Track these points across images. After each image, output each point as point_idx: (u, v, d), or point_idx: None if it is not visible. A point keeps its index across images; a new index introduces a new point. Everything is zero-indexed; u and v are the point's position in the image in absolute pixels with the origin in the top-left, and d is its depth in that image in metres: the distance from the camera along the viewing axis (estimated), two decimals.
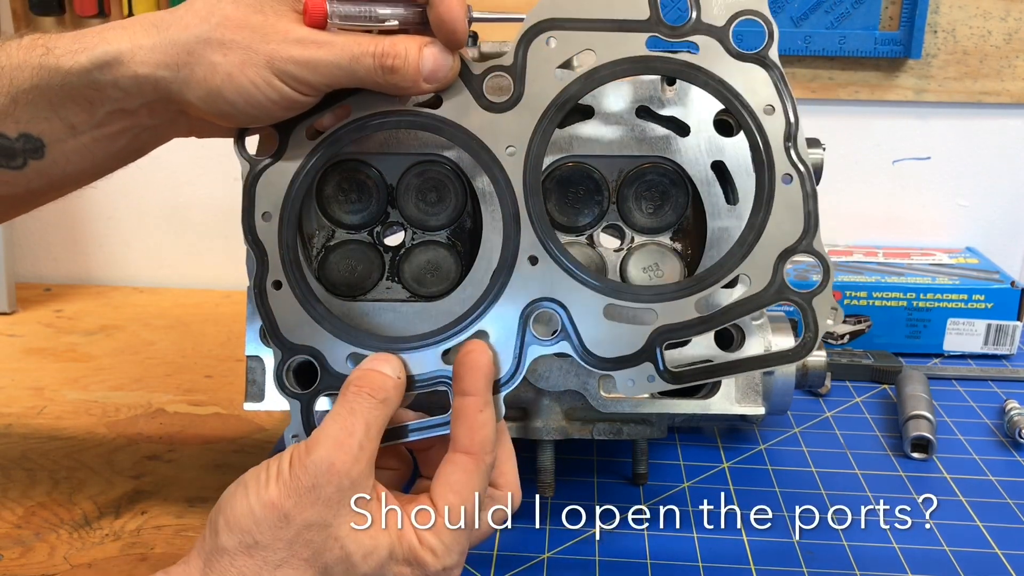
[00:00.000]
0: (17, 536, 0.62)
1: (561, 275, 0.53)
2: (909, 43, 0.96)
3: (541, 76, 0.53)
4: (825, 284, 0.53)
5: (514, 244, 0.53)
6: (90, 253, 1.15)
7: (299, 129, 0.53)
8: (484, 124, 0.53)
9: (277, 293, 0.54)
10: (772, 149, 0.53)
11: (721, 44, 0.53)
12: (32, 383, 0.86)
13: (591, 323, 0.53)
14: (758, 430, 0.76)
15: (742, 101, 0.53)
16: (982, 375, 0.88)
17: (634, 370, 0.53)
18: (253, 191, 0.54)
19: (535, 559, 0.60)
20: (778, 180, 0.53)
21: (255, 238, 0.54)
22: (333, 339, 0.54)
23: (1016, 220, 1.06)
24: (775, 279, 0.53)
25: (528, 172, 0.53)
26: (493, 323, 0.53)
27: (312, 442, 0.47)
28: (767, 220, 0.53)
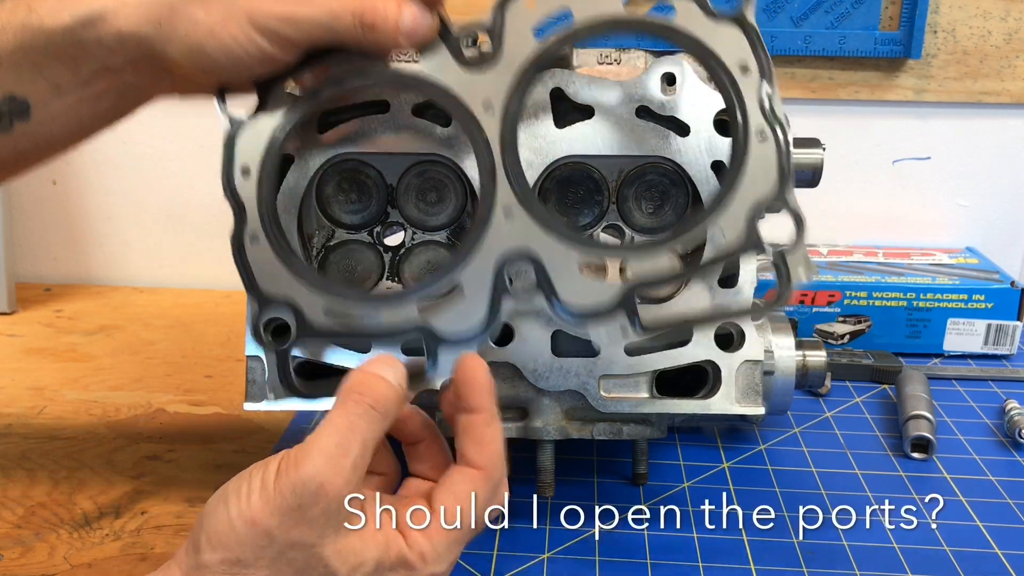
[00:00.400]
0: (17, 536, 0.62)
1: (536, 229, 0.54)
2: (909, 43, 0.96)
3: (519, 35, 0.54)
4: (799, 239, 0.54)
5: (489, 198, 0.54)
6: (90, 253, 1.15)
7: (278, 87, 0.54)
8: (462, 82, 0.54)
9: (254, 247, 0.55)
10: (747, 107, 0.54)
11: (698, 5, 0.54)
12: (32, 383, 0.86)
13: (566, 277, 0.54)
14: (758, 430, 0.76)
15: (718, 60, 0.54)
16: (982, 375, 0.88)
17: (608, 321, 0.54)
18: (233, 147, 0.55)
19: (535, 559, 0.60)
20: (752, 137, 0.54)
21: (234, 193, 0.55)
22: (310, 291, 0.55)
23: (1016, 220, 1.06)
24: (749, 233, 0.54)
25: (505, 128, 0.54)
26: (468, 276, 0.54)
27: (303, 455, 0.45)
28: (742, 176, 0.54)
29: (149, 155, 1.09)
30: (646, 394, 0.61)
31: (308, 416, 0.77)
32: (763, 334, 0.63)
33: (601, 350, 0.55)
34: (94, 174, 1.11)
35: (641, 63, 0.63)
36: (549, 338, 0.60)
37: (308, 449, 0.45)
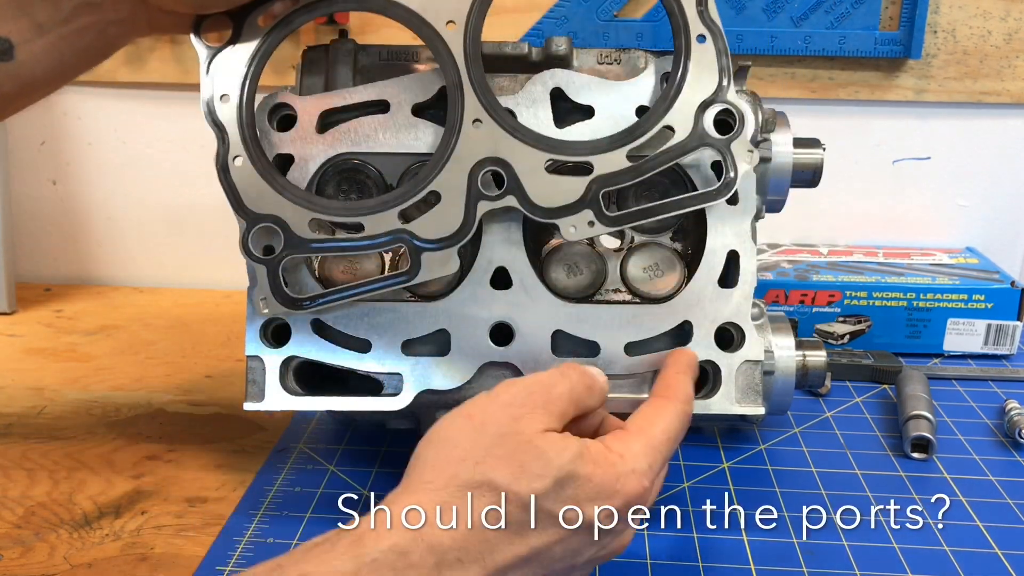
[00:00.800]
0: (17, 536, 0.62)
1: (504, 135, 0.58)
2: (909, 43, 0.96)
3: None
4: (741, 129, 0.58)
5: (459, 109, 0.58)
6: (90, 253, 1.15)
7: (252, 16, 0.58)
8: (425, 1, 0.58)
9: (238, 167, 0.58)
10: (686, 12, 0.58)
11: None
12: (32, 383, 0.86)
13: (534, 177, 0.58)
14: (758, 430, 0.76)
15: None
16: (982, 375, 0.88)
17: (575, 217, 0.58)
18: (211, 74, 0.59)
19: None
20: (693, 40, 0.58)
21: (215, 119, 0.58)
22: (294, 206, 0.58)
23: (1016, 220, 1.06)
24: (696, 127, 0.58)
25: (468, 43, 0.57)
26: (444, 183, 0.58)
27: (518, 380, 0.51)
28: (685, 76, 0.58)
29: (149, 155, 1.09)
30: (646, 394, 0.61)
31: (308, 416, 0.77)
32: (763, 334, 0.63)
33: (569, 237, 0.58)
34: (94, 174, 1.11)
35: (641, 63, 0.63)
36: (549, 338, 0.60)
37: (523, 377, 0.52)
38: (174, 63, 1.02)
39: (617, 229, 0.60)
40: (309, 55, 0.65)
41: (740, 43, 0.96)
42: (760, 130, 0.62)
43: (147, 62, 1.02)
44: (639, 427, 0.52)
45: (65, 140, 1.10)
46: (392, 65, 0.64)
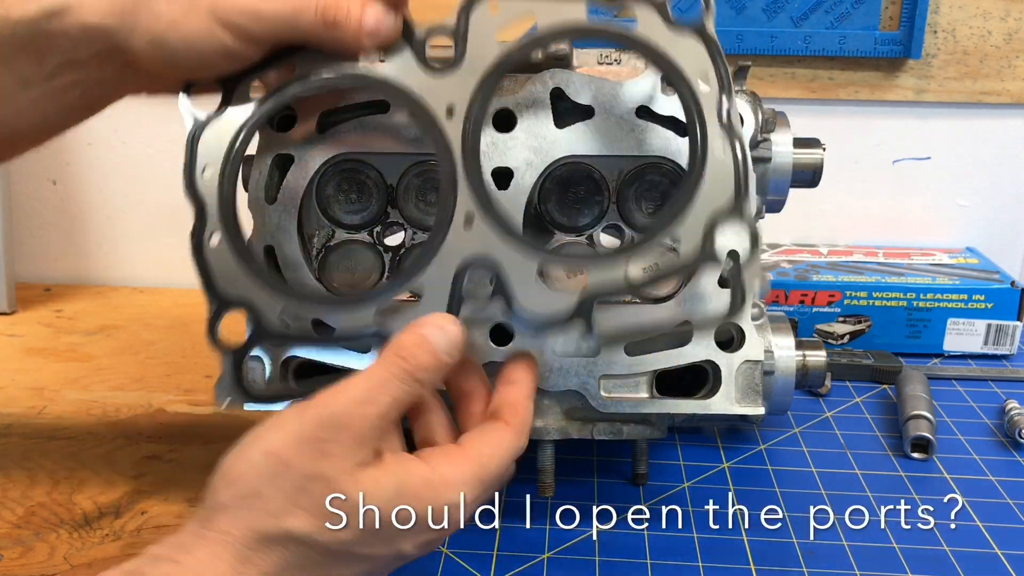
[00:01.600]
0: (17, 536, 0.62)
1: (495, 237, 0.54)
2: (909, 43, 0.96)
3: (483, 40, 0.54)
4: (753, 251, 0.54)
5: (450, 205, 0.54)
6: (90, 253, 1.15)
7: (243, 85, 0.54)
8: (425, 85, 0.54)
9: (213, 247, 0.55)
10: (705, 117, 0.54)
11: (659, 14, 0.53)
12: (32, 383, 0.86)
13: (524, 283, 0.54)
14: (758, 430, 0.76)
15: (677, 71, 0.54)
16: (982, 375, 0.88)
17: (565, 330, 0.55)
18: (195, 145, 0.55)
19: (535, 559, 0.60)
20: (710, 147, 0.54)
21: (195, 192, 0.55)
22: (267, 293, 0.55)
23: (1016, 220, 1.06)
24: (706, 243, 0.54)
25: (466, 133, 0.54)
26: (427, 282, 0.54)
27: (331, 395, 0.46)
28: (698, 186, 0.54)
29: (149, 155, 1.09)
30: (646, 394, 0.61)
31: None
32: (763, 334, 0.63)
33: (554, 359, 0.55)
34: (94, 174, 1.11)
35: (641, 63, 0.63)
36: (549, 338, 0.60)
37: (336, 391, 0.46)
38: None
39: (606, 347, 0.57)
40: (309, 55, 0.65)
41: (740, 43, 0.96)
42: (760, 130, 0.62)
43: None
44: (477, 453, 0.48)
45: (65, 140, 1.09)
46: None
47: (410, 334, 0.49)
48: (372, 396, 0.46)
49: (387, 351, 0.48)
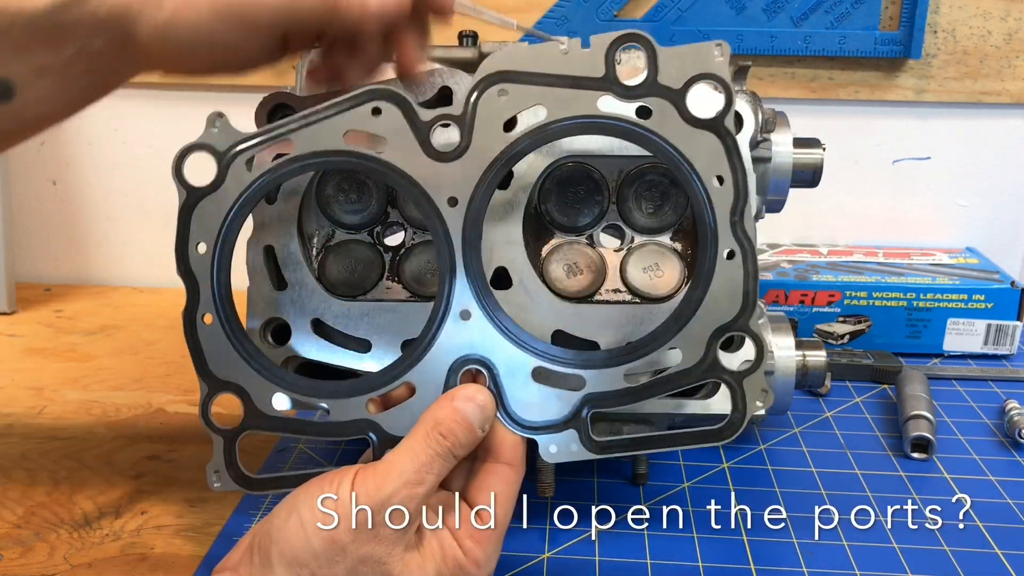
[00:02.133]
0: (17, 536, 0.62)
1: (493, 333, 0.53)
2: (909, 43, 0.96)
3: (489, 129, 0.52)
4: (757, 366, 0.52)
5: (447, 297, 0.53)
6: (90, 253, 1.15)
7: (239, 159, 0.53)
8: (428, 172, 0.52)
9: (207, 327, 0.54)
10: (718, 222, 0.51)
11: (675, 108, 0.51)
12: (32, 383, 0.86)
13: (518, 384, 0.53)
14: (758, 430, 0.76)
15: (692, 169, 0.51)
16: (982, 375, 0.88)
17: (558, 436, 0.53)
18: (188, 220, 0.54)
19: (535, 559, 0.60)
20: (720, 255, 0.51)
21: (187, 268, 0.54)
22: (259, 379, 0.54)
23: (1016, 220, 1.06)
24: (708, 355, 0.52)
25: (467, 225, 0.52)
26: (420, 376, 0.53)
27: (382, 476, 0.47)
28: (705, 295, 0.52)
29: (149, 155, 1.09)
30: None
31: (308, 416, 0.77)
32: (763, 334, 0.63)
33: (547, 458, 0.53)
34: (94, 174, 1.11)
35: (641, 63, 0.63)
36: (549, 338, 0.60)
37: (388, 471, 0.48)
38: None
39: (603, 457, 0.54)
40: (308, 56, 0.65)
41: (740, 43, 0.96)
42: (760, 130, 0.62)
43: None
44: (494, 519, 0.50)
45: (65, 140, 1.10)
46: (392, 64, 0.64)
47: (448, 409, 0.50)
48: (420, 477, 0.48)
49: (428, 427, 0.49)
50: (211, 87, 0.99)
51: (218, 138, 0.53)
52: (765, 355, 0.52)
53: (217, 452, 0.54)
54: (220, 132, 0.53)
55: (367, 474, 0.48)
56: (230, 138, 0.53)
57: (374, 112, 0.52)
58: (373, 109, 0.52)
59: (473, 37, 0.65)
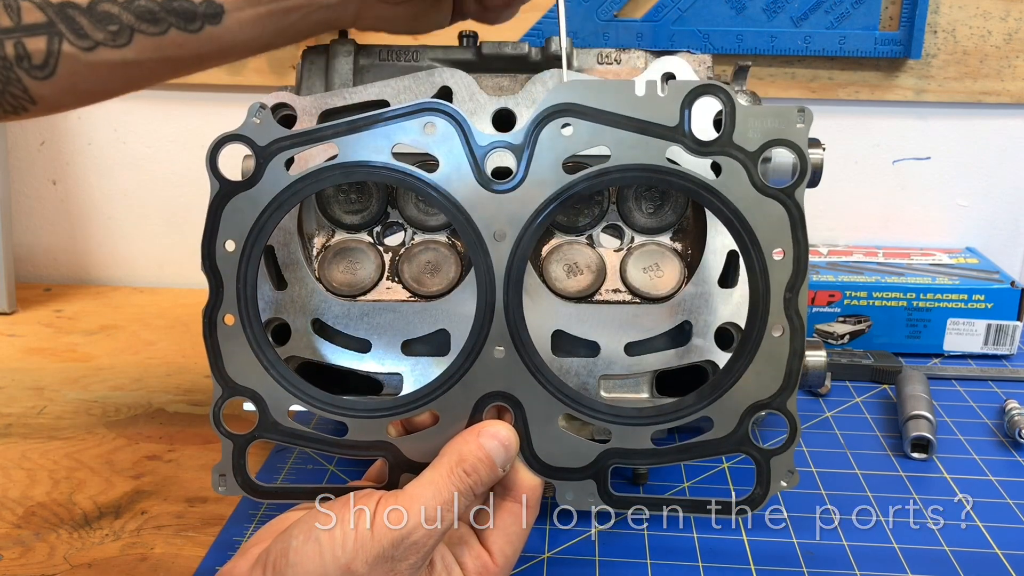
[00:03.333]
0: (17, 536, 0.62)
1: (525, 373, 0.51)
2: (909, 43, 0.96)
3: (547, 164, 0.50)
4: (790, 444, 0.51)
5: (484, 332, 0.51)
6: (90, 253, 1.15)
7: (279, 157, 0.51)
8: (477, 202, 0.50)
9: (228, 329, 0.52)
10: (771, 296, 0.50)
11: (746, 171, 0.49)
12: (32, 383, 0.86)
13: (544, 427, 0.52)
14: (758, 430, 0.76)
15: (753, 239, 0.49)
16: (982, 375, 0.88)
17: (576, 484, 0.52)
18: (219, 214, 0.51)
19: (535, 559, 0.60)
20: (769, 330, 0.50)
21: (213, 265, 0.51)
22: (278, 388, 0.52)
23: (1016, 220, 1.06)
24: (739, 429, 0.51)
25: (512, 261, 0.50)
26: (446, 406, 0.52)
27: (404, 507, 0.47)
28: (746, 368, 0.50)
29: (149, 155, 1.09)
30: (646, 394, 0.61)
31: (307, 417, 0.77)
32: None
33: (563, 503, 0.53)
34: (94, 174, 1.11)
35: (641, 63, 0.63)
36: (549, 338, 0.60)
37: (410, 504, 0.47)
38: None
39: (617, 512, 0.53)
40: (309, 55, 0.65)
41: (740, 43, 0.96)
42: None
43: None
44: (504, 557, 0.50)
45: (65, 140, 1.10)
46: (392, 65, 0.64)
47: (473, 445, 0.50)
48: (442, 511, 0.47)
49: (453, 462, 0.49)
50: (210, 87, 0.99)
51: (258, 131, 0.51)
52: (798, 437, 0.51)
53: (225, 456, 0.53)
54: (262, 125, 0.51)
55: (389, 504, 0.47)
56: (272, 133, 0.51)
57: (427, 128, 0.50)
58: (426, 125, 0.50)
59: (473, 37, 0.65)
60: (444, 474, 0.48)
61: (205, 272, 0.51)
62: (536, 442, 0.52)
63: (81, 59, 0.56)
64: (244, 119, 0.51)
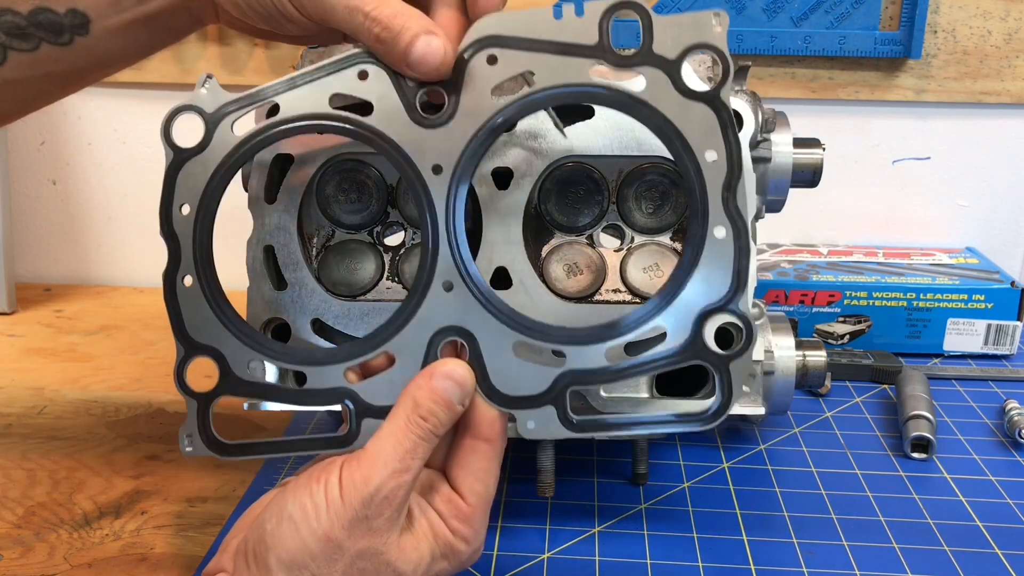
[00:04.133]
0: (17, 536, 0.62)
1: (475, 305, 0.51)
2: (909, 43, 0.96)
3: (477, 94, 0.51)
4: (746, 347, 0.50)
5: (430, 268, 0.51)
6: (90, 253, 1.15)
7: (225, 121, 0.52)
8: (413, 139, 0.51)
9: (186, 289, 0.53)
10: (708, 197, 0.49)
11: (670, 78, 0.49)
12: (32, 383, 0.86)
13: (499, 357, 0.51)
14: (758, 430, 0.76)
15: (684, 143, 0.49)
16: (982, 375, 0.88)
17: (536, 412, 0.52)
18: (173, 181, 0.52)
19: (535, 559, 0.60)
20: (710, 231, 0.50)
21: (170, 230, 0.52)
22: (238, 343, 0.53)
23: (1016, 220, 1.06)
24: (695, 337, 0.50)
25: (451, 193, 0.51)
26: (400, 347, 0.52)
27: (368, 467, 0.47)
28: (692, 273, 0.50)
29: (149, 155, 1.09)
30: (646, 394, 0.61)
31: (308, 416, 0.77)
32: (763, 334, 0.63)
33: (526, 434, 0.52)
34: (94, 174, 1.11)
35: None
36: None
37: (373, 461, 0.47)
38: (174, 63, 1.02)
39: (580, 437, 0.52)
40: (308, 55, 0.65)
41: (740, 43, 0.96)
42: (760, 130, 0.62)
43: (147, 62, 1.02)
44: (476, 496, 0.50)
45: (65, 140, 1.10)
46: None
47: (426, 390, 0.49)
48: (406, 464, 0.47)
49: (408, 410, 0.49)
50: None
51: (206, 100, 0.52)
52: (754, 338, 0.50)
53: (191, 416, 0.54)
54: (208, 94, 0.52)
55: (352, 467, 0.47)
56: (218, 100, 0.52)
57: (360, 76, 0.51)
58: (360, 72, 0.51)
59: None
60: (402, 424, 0.48)
61: (163, 236, 0.53)
62: (492, 374, 0.51)
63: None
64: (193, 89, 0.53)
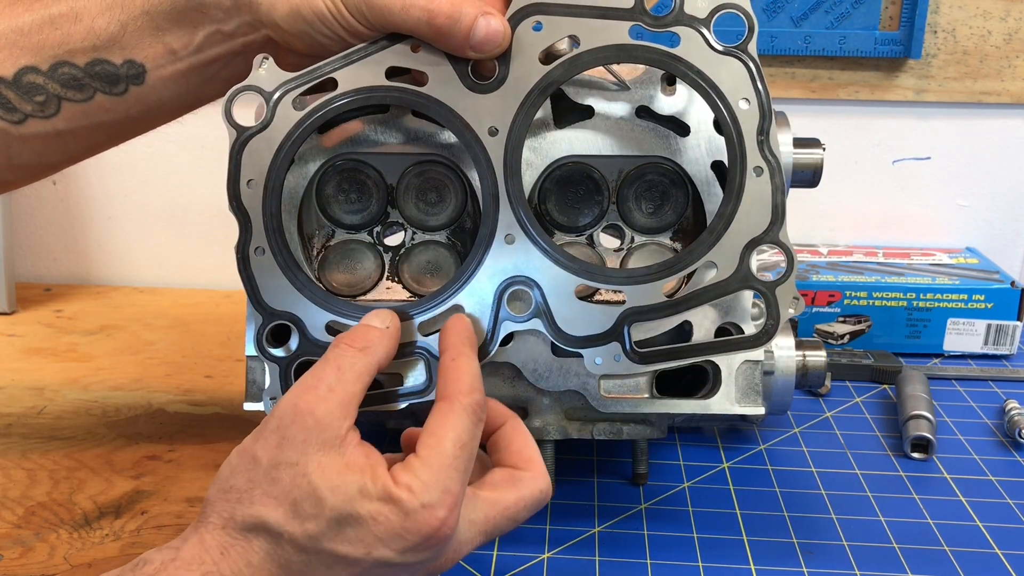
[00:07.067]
0: (17, 536, 0.62)
1: (536, 254, 0.55)
2: (909, 43, 0.96)
3: (525, 59, 0.54)
4: (789, 274, 0.55)
5: (492, 222, 0.55)
6: (90, 253, 1.15)
7: (286, 99, 0.55)
8: (468, 104, 0.55)
9: (259, 259, 0.55)
10: (745, 141, 0.55)
11: (702, 36, 0.54)
12: (32, 383, 0.86)
13: (563, 302, 0.55)
14: (758, 430, 0.76)
15: (719, 93, 0.54)
16: (982, 375, 0.88)
17: (602, 349, 0.55)
18: (239, 158, 0.55)
19: (535, 559, 0.60)
20: (749, 172, 0.55)
21: (239, 205, 0.55)
22: (312, 306, 0.56)
23: (1016, 220, 1.06)
24: (741, 267, 0.55)
25: (508, 153, 0.55)
26: (469, 298, 0.55)
27: (298, 389, 0.48)
28: (736, 210, 0.55)
29: (149, 155, 1.09)
30: (646, 394, 0.61)
31: None
32: None
33: (592, 370, 0.56)
34: (94, 174, 1.11)
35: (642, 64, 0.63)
36: None
37: (304, 387, 0.48)
38: None
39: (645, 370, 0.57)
40: None
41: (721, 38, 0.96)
42: None
43: None
44: (428, 448, 0.47)
45: None
46: None
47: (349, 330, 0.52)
48: (319, 377, 0.48)
49: (332, 346, 0.50)
50: None
51: (265, 80, 0.55)
52: (795, 267, 0.55)
53: (273, 380, 0.56)
54: (267, 74, 0.55)
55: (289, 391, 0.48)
56: (277, 79, 0.55)
57: (413, 48, 0.54)
58: (412, 46, 0.54)
59: None
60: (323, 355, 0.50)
61: (233, 212, 0.55)
62: (558, 317, 0.55)
63: (12, 133, 0.57)
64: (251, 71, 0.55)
